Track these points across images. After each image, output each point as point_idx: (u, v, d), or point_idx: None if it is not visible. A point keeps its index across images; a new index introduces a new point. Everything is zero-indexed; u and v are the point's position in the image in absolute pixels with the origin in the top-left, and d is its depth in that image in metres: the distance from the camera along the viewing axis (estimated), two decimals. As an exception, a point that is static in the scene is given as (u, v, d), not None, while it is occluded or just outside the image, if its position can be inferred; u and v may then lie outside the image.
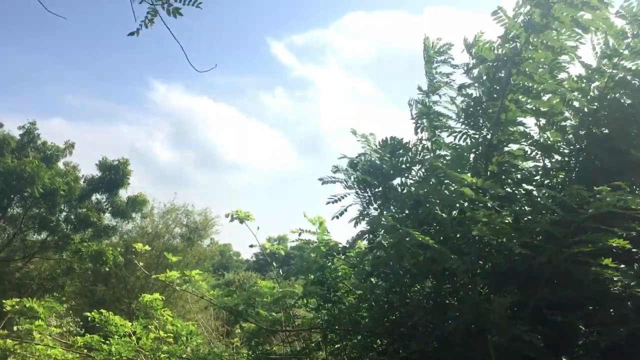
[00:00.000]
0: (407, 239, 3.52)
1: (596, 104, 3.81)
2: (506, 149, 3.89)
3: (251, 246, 6.19)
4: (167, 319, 6.15)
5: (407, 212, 3.96)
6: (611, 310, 3.43)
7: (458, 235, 3.61)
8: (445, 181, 3.61)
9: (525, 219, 3.64)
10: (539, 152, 3.95)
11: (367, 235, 4.45)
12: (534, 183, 3.91)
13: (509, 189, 3.80)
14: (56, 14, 3.89)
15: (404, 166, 4.06)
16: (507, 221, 3.33)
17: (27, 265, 22.57)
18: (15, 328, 6.56)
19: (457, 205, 3.59)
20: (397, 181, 4.14)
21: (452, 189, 3.52)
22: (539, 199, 3.66)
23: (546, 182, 3.96)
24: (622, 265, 3.17)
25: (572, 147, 3.92)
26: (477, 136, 3.99)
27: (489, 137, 3.83)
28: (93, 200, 22.85)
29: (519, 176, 3.94)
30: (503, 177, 3.81)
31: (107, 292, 27.55)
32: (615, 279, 3.25)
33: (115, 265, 25.73)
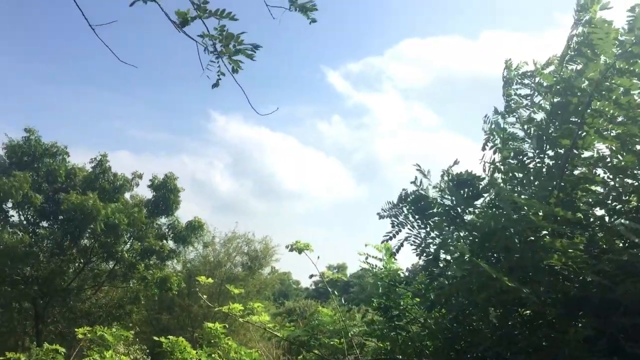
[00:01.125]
0: (478, 270, 3.43)
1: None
2: (577, 171, 3.77)
3: (311, 276, 6.22)
4: (230, 346, 6.20)
5: (475, 241, 3.86)
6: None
7: (528, 264, 3.50)
8: (517, 209, 3.50)
9: (599, 246, 3.50)
10: (611, 176, 3.80)
11: (428, 267, 4.38)
12: (606, 208, 3.75)
13: (580, 214, 3.67)
14: (127, 62, 4.11)
15: (473, 200, 3.96)
16: (581, 248, 3.20)
17: (97, 294, 23.33)
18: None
19: (529, 232, 3.48)
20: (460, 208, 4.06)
21: (525, 216, 3.41)
22: (613, 226, 3.51)
23: (618, 207, 3.80)
24: None
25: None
26: (546, 160, 3.88)
27: (559, 161, 3.71)
28: (154, 226, 23.42)
29: (590, 200, 3.79)
30: (575, 202, 3.68)
31: (172, 321, 28.09)
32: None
33: (179, 294, 26.23)
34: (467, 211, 3.99)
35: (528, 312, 3.81)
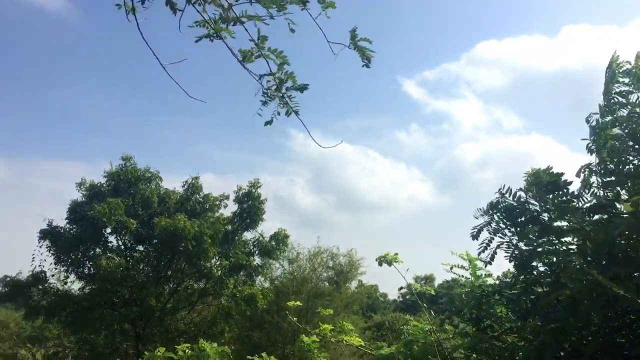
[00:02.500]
0: (586, 279, 3.26)
1: None
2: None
3: (401, 289, 6.18)
4: (324, 361, 6.23)
5: (585, 249, 3.68)
6: None
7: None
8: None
9: None
10: None
11: (521, 275, 4.25)
12: None
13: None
14: (196, 98, 4.32)
15: (566, 208, 3.79)
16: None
17: (191, 314, 24.14)
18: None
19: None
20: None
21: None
22: None
23: None
24: None
25: None
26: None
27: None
28: (240, 240, 23.80)
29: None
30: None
31: (263, 338, 28.55)
32: None
33: (268, 312, 26.64)
34: (560, 218, 3.84)
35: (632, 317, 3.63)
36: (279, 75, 3.75)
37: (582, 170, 4.02)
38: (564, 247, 3.88)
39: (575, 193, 3.81)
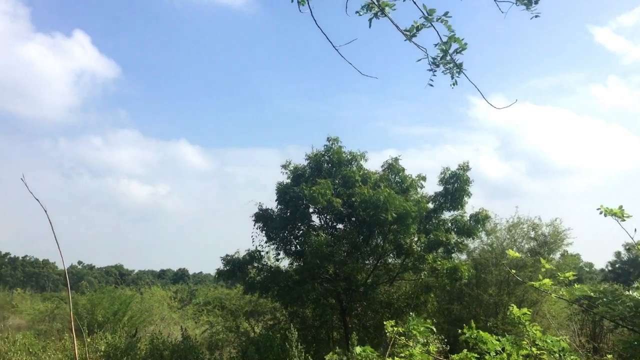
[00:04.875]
0: None
1: None
2: None
3: (628, 249, 5.83)
4: (536, 334, 6.18)
5: None
6: None
7: None
8: None
9: None
10: None
11: None
12: None
13: None
14: (367, 75, 4.61)
15: None
16: None
17: (390, 289, 24.80)
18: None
19: None
20: None
21: None
22: None
23: None
24: None
25: None
26: None
27: None
28: (438, 221, 23.69)
29: None
30: None
31: (463, 310, 28.33)
32: None
33: (468, 285, 26.37)
34: None
35: None
36: (446, 46, 3.92)
37: None
38: None
39: None
